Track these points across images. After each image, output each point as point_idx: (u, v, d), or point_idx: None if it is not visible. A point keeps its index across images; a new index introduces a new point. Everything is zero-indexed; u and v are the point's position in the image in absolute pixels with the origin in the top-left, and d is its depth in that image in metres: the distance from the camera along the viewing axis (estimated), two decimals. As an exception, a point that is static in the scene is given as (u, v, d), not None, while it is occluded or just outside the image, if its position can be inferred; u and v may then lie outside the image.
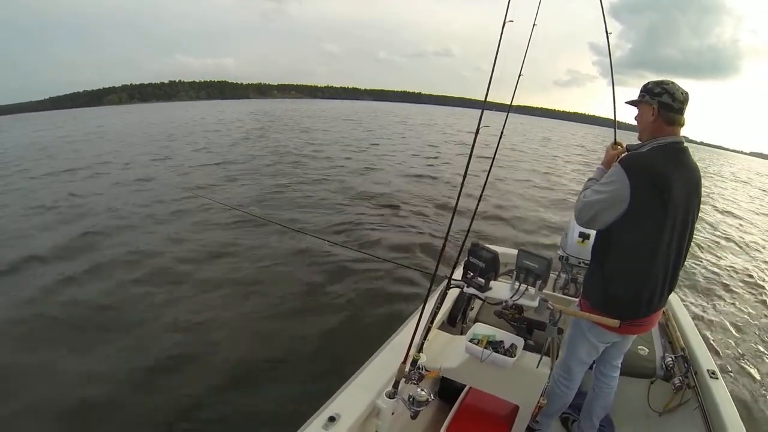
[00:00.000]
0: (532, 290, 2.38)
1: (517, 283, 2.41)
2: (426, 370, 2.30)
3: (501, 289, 2.48)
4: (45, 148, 23.82)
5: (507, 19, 2.27)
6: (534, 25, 2.98)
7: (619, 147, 2.54)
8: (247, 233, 8.56)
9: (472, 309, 3.69)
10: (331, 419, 2.01)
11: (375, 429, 2.23)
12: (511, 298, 2.39)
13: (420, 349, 2.34)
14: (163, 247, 7.97)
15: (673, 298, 3.98)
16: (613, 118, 3.23)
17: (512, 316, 2.76)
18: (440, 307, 2.57)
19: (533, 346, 2.68)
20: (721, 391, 2.82)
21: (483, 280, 2.43)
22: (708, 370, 3.00)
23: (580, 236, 3.88)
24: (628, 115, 2.51)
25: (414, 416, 2.15)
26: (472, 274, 2.47)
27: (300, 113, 65.01)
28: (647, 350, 3.27)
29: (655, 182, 2.12)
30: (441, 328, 3.06)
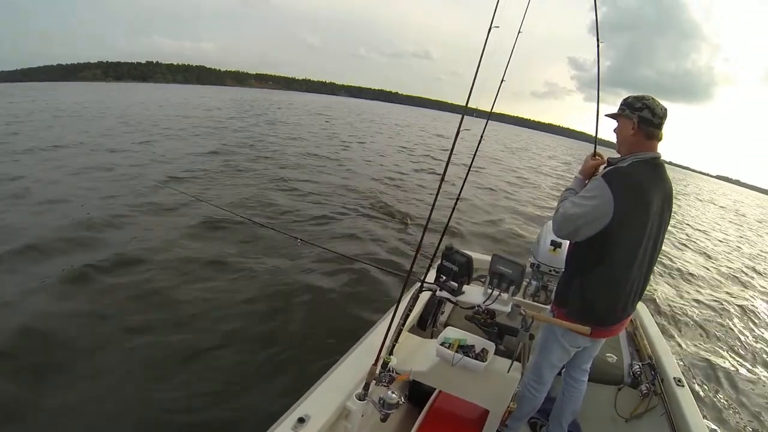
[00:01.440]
0: (504, 296, 2.38)
1: (490, 288, 2.41)
2: (396, 373, 2.28)
3: (474, 293, 2.47)
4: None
5: (493, 25, 2.26)
6: (519, 32, 2.99)
7: (598, 158, 2.57)
8: (212, 230, 8.36)
9: (443, 313, 3.69)
10: (301, 420, 1.97)
11: (344, 431, 2.20)
12: (484, 302, 2.39)
13: (391, 352, 2.32)
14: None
15: (641, 307, 4.07)
16: (590, 132, 3.25)
17: (484, 321, 2.76)
18: (412, 310, 2.55)
19: (504, 351, 2.69)
20: (686, 398, 2.88)
21: (456, 284, 2.42)
22: (674, 378, 3.06)
23: (552, 244, 3.91)
24: (606, 130, 2.54)
25: (384, 419, 2.14)
26: (445, 277, 2.46)
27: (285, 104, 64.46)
28: (615, 357, 3.34)
29: (637, 198, 2.17)
30: (411, 331, 3.06)
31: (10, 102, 36.40)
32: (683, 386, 3.00)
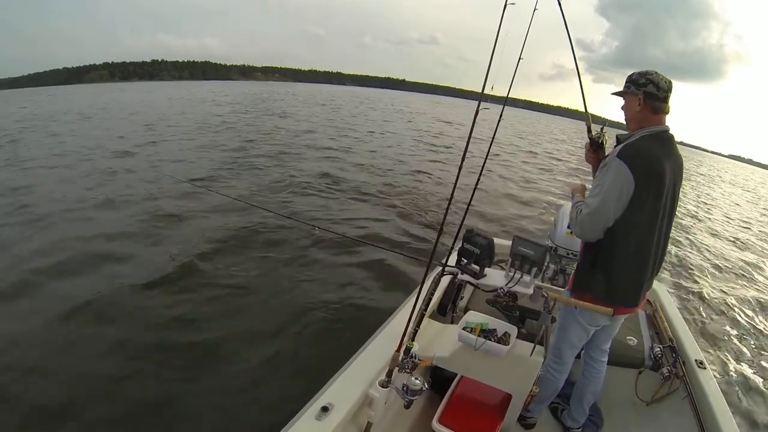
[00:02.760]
0: (527, 278, 2.37)
1: (512, 270, 2.39)
2: (419, 359, 2.27)
3: (495, 276, 2.45)
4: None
5: (509, 1, 2.24)
6: (535, 9, 2.94)
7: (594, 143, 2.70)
8: (231, 217, 8.41)
9: (462, 298, 3.67)
10: (324, 409, 1.97)
11: (368, 419, 2.19)
12: (506, 285, 2.37)
13: (413, 338, 2.31)
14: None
15: (660, 289, 4.03)
16: (600, 114, 3.19)
17: (505, 304, 2.74)
18: (433, 295, 2.54)
19: (526, 334, 2.67)
20: (709, 381, 2.85)
21: (477, 267, 2.41)
22: (696, 360, 3.04)
23: (569, 227, 3.87)
24: (606, 109, 2.54)
25: (407, 405, 2.14)
26: (466, 260, 2.44)
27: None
28: (636, 340, 3.30)
29: (652, 169, 2.18)
30: (432, 317, 3.05)
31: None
32: (705, 368, 2.97)
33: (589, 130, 2.80)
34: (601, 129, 2.70)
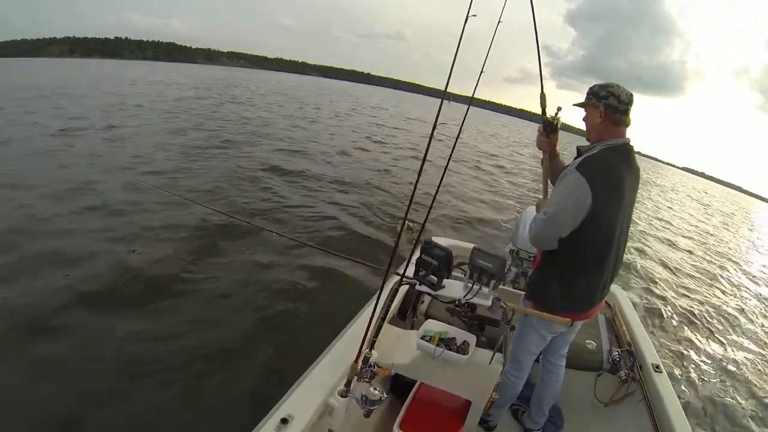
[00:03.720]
0: (485, 290, 2.36)
1: (470, 282, 2.38)
2: (378, 367, 2.24)
3: (454, 287, 2.43)
4: None
5: (470, 14, 2.23)
6: (499, 22, 2.91)
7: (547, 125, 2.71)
8: (173, 216, 8.03)
9: (422, 303, 3.67)
10: (284, 421, 1.91)
11: (328, 428, 2.16)
12: (465, 297, 2.36)
13: (372, 346, 2.28)
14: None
15: (619, 292, 4.14)
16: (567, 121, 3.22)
17: (464, 313, 2.74)
18: (391, 303, 2.51)
19: (485, 341, 2.68)
20: (664, 384, 2.94)
21: (435, 278, 2.39)
22: (652, 364, 3.12)
23: None
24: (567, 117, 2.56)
25: (367, 415, 2.11)
26: (424, 271, 2.42)
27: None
28: (594, 344, 3.37)
29: (612, 184, 2.21)
30: (391, 322, 3.03)
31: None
32: (661, 372, 3.05)
33: (544, 113, 2.78)
34: (556, 113, 2.72)
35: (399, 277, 2.44)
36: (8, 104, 19.64)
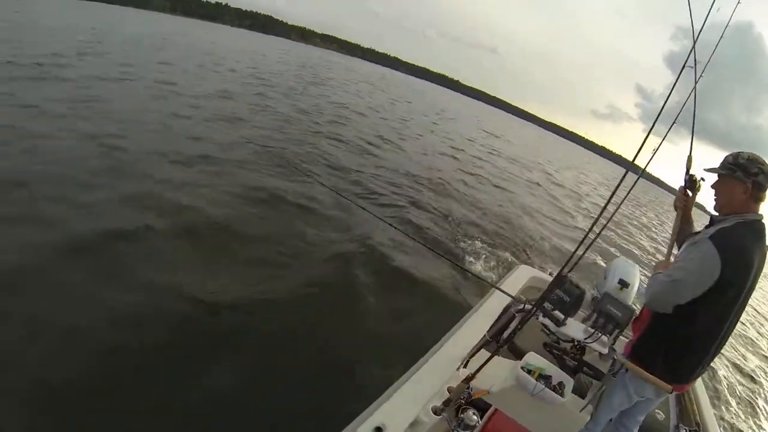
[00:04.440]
0: (605, 338, 2.31)
1: (593, 327, 2.32)
2: (474, 390, 2.21)
3: (574, 327, 2.40)
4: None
5: (687, 63, 2.16)
6: (700, 76, 2.83)
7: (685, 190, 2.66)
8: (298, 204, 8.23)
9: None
10: (378, 430, 1.90)
11: None
12: (585, 339, 2.31)
13: (465, 365, 2.26)
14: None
15: None
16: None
17: (566, 353, 2.66)
18: (503, 328, 2.48)
19: (575, 387, 2.62)
20: None
21: (562, 315, 2.35)
22: None
23: (619, 283, 3.80)
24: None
25: None
26: (552, 305, 2.38)
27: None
28: (663, 416, 3.26)
29: (741, 261, 2.14)
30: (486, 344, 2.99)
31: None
32: None
33: (688, 172, 2.71)
34: (697, 177, 2.66)
35: (517, 303, 2.41)
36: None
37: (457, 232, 9.36)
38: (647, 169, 2.62)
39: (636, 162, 2.51)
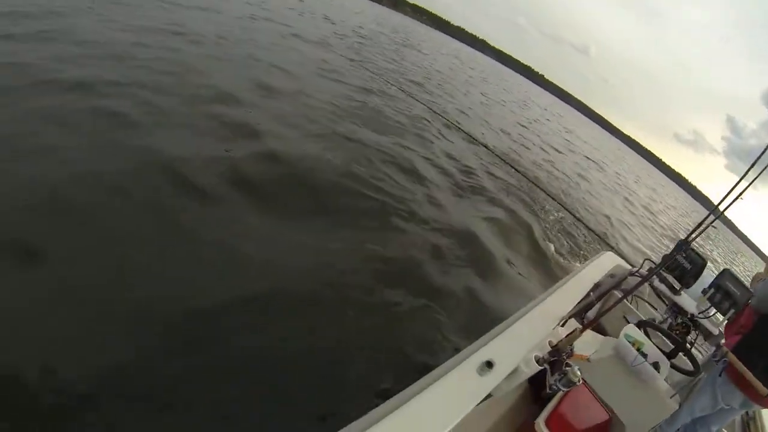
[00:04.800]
0: (719, 317, 2.24)
1: (709, 302, 2.25)
2: (576, 351, 2.17)
3: (688, 300, 2.32)
4: None
5: None
6: None
7: None
8: None
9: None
10: (489, 364, 1.87)
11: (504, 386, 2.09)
12: (698, 314, 2.24)
13: (564, 325, 2.22)
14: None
15: None
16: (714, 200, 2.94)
17: (674, 329, 2.57)
18: (614, 290, 2.42)
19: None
20: None
21: (679, 284, 2.28)
22: None
23: None
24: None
25: (547, 395, 2.05)
26: (670, 271, 2.31)
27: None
28: None
29: None
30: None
31: None
32: None
33: None
34: None
35: (643, 262, 2.34)
36: None
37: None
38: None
39: (715, 199, 2.39)
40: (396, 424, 1.37)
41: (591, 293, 2.52)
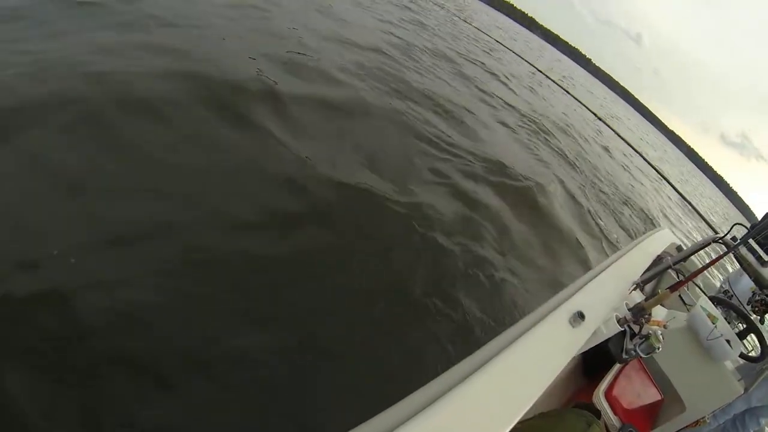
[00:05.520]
0: None
1: None
2: (653, 318, 2.04)
3: None
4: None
5: None
6: None
7: None
8: None
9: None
10: (581, 315, 1.76)
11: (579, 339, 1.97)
12: None
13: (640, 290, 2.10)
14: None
15: None
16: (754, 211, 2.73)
17: (753, 303, 2.44)
18: (691, 256, 2.30)
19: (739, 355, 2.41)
20: None
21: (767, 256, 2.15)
22: None
23: None
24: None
25: (622, 358, 1.91)
26: (760, 242, 2.18)
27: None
28: None
29: None
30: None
31: None
32: None
33: None
34: None
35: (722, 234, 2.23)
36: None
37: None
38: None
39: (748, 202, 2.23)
40: (485, 382, 1.23)
41: (668, 258, 2.43)
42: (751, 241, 2.24)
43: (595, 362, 2.72)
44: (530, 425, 1.54)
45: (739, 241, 2.22)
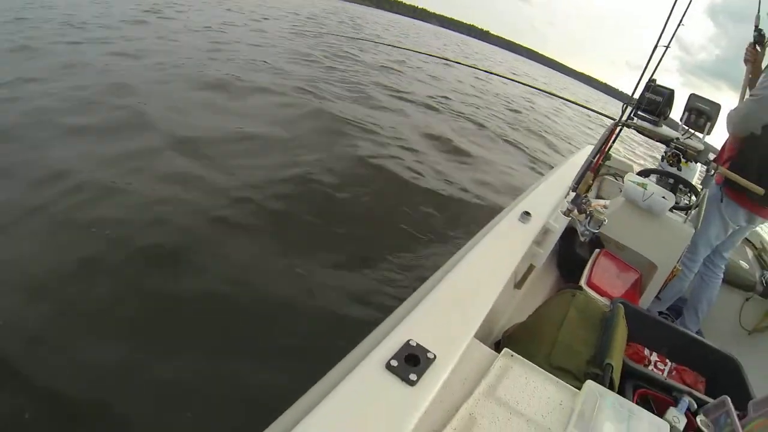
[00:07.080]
0: (699, 135, 2.44)
1: (687, 125, 2.45)
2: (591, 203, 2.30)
3: (667, 130, 2.52)
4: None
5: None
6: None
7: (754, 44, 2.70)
8: None
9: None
10: (527, 213, 1.96)
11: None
12: (682, 136, 2.44)
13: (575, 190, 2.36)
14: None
15: None
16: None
17: (666, 158, 2.75)
18: (607, 144, 2.57)
19: (675, 205, 2.72)
20: None
21: (657, 118, 2.48)
22: None
23: None
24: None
25: (585, 239, 2.16)
26: (645, 108, 2.50)
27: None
28: (748, 266, 3.33)
29: None
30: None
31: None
32: None
33: (756, 27, 2.73)
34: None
35: (623, 113, 2.51)
36: None
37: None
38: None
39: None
40: (461, 273, 1.37)
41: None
42: (640, 113, 2.60)
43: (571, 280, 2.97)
44: (523, 323, 1.78)
45: (630, 114, 2.54)
